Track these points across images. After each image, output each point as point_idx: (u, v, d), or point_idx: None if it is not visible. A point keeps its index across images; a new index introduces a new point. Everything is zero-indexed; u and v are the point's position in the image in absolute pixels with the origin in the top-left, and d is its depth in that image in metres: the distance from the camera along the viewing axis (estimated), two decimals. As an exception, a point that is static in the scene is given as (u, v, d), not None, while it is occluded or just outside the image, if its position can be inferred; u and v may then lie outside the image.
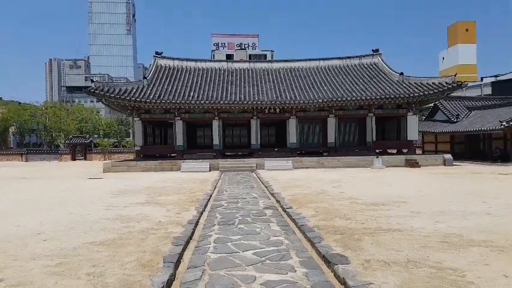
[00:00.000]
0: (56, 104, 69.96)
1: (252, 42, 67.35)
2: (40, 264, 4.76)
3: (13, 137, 65.51)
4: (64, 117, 59.22)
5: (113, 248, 5.55)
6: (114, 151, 46.35)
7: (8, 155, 44.71)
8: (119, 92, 23.89)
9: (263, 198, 10.88)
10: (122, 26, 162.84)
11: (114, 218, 7.96)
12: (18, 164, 37.55)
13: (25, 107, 62.89)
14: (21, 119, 59.75)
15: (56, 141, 60.99)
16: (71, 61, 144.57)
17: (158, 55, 29.62)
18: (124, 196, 11.51)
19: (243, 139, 31.26)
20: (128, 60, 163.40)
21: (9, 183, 16.92)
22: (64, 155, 44.91)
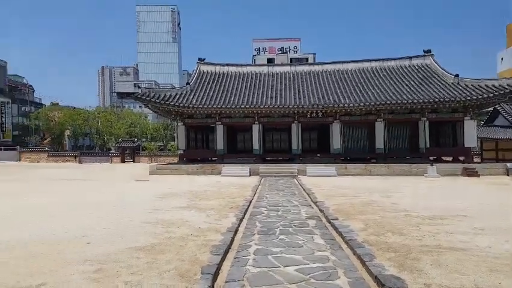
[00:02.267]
0: (107, 109, 73.89)
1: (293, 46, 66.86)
2: (80, 270, 4.73)
3: (68, 140, 70.02)
4: (115, 122, 62.27)
5: (152, 254, 5.44)
6: (160, 154, 47.88)
7: (64, 157, 47.71)
8: (163, 97, 24.54)
9: (305, 206, 10.43)
10: (167, 34, 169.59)
11: (156, 222, 7.94)
12: (72, 165, 39.89)
13: (79, 111, 67.03)
14: (75, 123, 63.72)
15: (107, 144, 64.27)
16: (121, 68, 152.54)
17: (201, 61, 30.16)
18: (167, 199, 11.60)
19: (283, 144, 30.84)
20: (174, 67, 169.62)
21: (63, 184, 17.83)
22: (114, 157, 47.11)
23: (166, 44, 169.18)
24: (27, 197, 12.63)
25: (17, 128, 67.71)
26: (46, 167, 35.14)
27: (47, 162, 44.98)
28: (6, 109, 64.08)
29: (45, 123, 66.24)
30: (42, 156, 47.24)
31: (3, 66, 70.25)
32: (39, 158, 46.93)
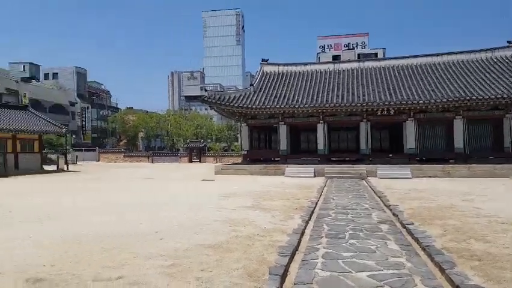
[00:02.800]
0: (176, 112, 78.32)
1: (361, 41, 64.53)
2: (155, 264, 5.03)
3: (141, 141, 75.54)
4: (183, 124, 65.75)
5: (221, 252, 5.60)
6: (224, 154, 49.42)
7: (138, 157, 51.53)
8: (228, 99, 25.26)
9: (376, 210, 9.97)
10: (232, 38, 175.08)
11: (223, 220, 8.18)
12: (145, 165, 42.89)
13: (151, 115, 71.95)
14: (148, 125, 68.54)
15: (176, 145, 68.10)
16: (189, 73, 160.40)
17: (264, 62, 30.48)
18: (232, 199, 11.91)
19: (350, 144, 29.89)
20: (238, 70, 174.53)
21: (138, 183, 19.25)
22: (182, 158, 49.70)
23: (230, 47, 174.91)
24: (109, 193, 13.86)
25: (96, 131, 74.73)
26: (122, 166, 38.25)
27: (123, 162, 48.90)
28: (87, 113, 71.03)
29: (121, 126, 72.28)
30: (118, 157, 51.50)
31: (84, 74, 77.96)
32: (116, 158, 51.22)
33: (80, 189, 16.00)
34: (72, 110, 68.78)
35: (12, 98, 53.15)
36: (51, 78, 73.26)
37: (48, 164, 34.06)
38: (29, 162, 28.83)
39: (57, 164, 32.10)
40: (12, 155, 27.16)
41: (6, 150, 26.45)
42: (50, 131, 31.50)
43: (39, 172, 28.03)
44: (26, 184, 18.60)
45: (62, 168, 31.72)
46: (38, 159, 30.47)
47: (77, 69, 74.89)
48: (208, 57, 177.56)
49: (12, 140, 27.56)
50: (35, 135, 29.61)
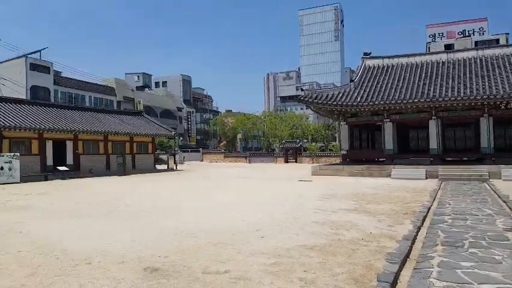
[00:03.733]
0: (272, 113, 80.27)
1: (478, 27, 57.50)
2: (258, 261, 5.21)
3: (240, 142, 79.25)
4: (278, 124, 67.00)
5: (323, 255, 5.54)
6: (321, 155, 48.82)
7: (236, 157, 54.24)
8: (326, 97, 24.84)
9: (502, 216, 8.73)
10: (330, 34, 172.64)
11: (323, 222, 8.08)
12: (243, 165, 44.89)
13: (248, 116, 74.99)
14: (245, 127, 71.61)
15: (272, 146, 69.75)
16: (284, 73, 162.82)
17: (366, 56, 29.19)
18: (331, 200, 11.68)
19: (468, 142, 26.76)
20: (335, 66, 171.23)
21: (239, 182, 20.24)
22: (278, 158, 50.67)
23: (328, 43, 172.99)
24: (215, 192, 14.88)
25: (200, 133, 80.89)
26: (223, 166, 40.66)
27: (223, 162, 51.96)
28: (192, 117, 77.35)
29: (221, 128, 76.96)
30: (219, 157, 54.92)
31: (189, 81, 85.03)
32: (217, 159, 54.70)
33: (191, 187, 17.47)
34: (179, 114, 75.65)
35: (129, 105, 60.82)
36: (161, 86, 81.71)
37: (159, 164, 38.03)
38: (143, 162, 32.64)
39: (168, 164, 35.66)
40: (130, 156, 31.05)
41: (125, 151, 30.37)
42: (162, 134, 35.17)
43: (153, 171, 31.46)
44: (144, 182, 21.02)
45: (172, 167, 35.10)
46: (152, 159, 34.25)
47: (183, 76, 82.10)
48: (304, 56, 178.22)
49: (130, 142, 31.53)
50: (149, 138, 33.40)
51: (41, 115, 25.81)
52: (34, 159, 23.94)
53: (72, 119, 27.77)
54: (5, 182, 19.76)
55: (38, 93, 46.81)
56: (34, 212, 10.11)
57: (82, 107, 35.03)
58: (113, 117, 33.06)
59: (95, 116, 30.99)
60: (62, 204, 11.62)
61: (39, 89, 47.87)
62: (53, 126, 24.54)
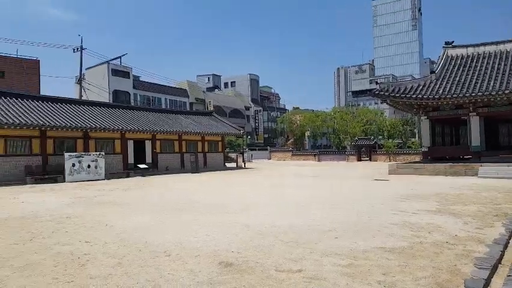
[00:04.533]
0: (343, 109, 78.20)
1: None
2: (332, 262, 5.13)
3: (308, 140, 78.54)
4: (350, 121, 64.98)
5: (403, 258, 5.28)
6: (398, 152, 46.38)
7: (304, 155, 53.85)
8: (404, 90, 23.51)
9: None
10: (407, 23, 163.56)
11: (402, 224, 7.69)
12: (312, 163, 44.40)
13: (317, 113, 73.95)
14: (314, 124, 70.71)
15: (343, 143, 67.98)
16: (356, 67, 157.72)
17: (448, 45, 26.99)
18: (410, 201, 11.06)
19: None
20: (413, 57, 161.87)
21: (308, 180, 20.10)
22: (350, 156, 49.21)
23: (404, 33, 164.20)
24: (284, 190, 14.99)
25: (267, 131, 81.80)
26: (291, 164, 40.63)
27: (291, 160, 51.93)
28: (259, 116, 78.51)
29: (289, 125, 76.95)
30: (287, 155, 55.00)
31: (257, 80, 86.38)
32: (284, 157, 54.86)
33: (260, 185, 17.79)
34: (247, 113, 77.34)
35: (200, 106, 63.68)
36: (230, 87, 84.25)
37: (228, 162, 39.27)
38: (214, 160, 34.01)
39: (237, 162, 36.70)
40: (201, 154, 32.55)
41: (197, 150, 31.91)
42: (231, 133, 36.32)
43: (222, 169, 32.62)
44: (215, 179, 21.89)
45: (241, 165, 36.05)
46: (221, 157, 35.53)
47: (251, 76, 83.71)
48: (378, 48, 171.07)
49: (201, 141, 33.07)
50: (218, 137, 34.71)
51: (122, 117, 28.20)
52: (117, 158, 26.26)
53: (150, 120, 29.95)
54: (92, 179, 21.96)
55: (119, 97, 51.24)
56: (118, 206, 11.08)
57: (159, 109, 37.57)
58: (186, 117, 34.96)
59: (170, 117, 33.06)
60: (142, 200, 12.57)
61: (121, 93, 52.31)
62: (133, 127, 26.71)
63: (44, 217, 9.26)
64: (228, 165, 36.08)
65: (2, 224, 8.43)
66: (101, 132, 24.92)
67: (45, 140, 22.67)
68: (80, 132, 24.13)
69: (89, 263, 5.31)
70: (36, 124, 21.40)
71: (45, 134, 22.58)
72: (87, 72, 50.02)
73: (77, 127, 23.34)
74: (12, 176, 20.84)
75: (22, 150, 21.88)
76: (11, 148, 21.46)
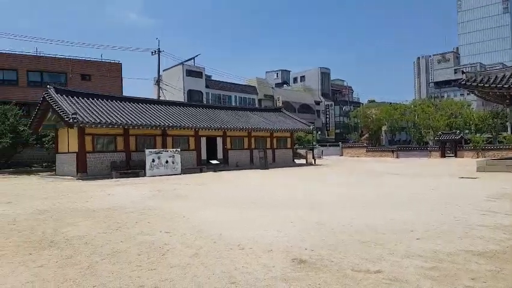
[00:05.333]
0: (424, 101, 73.22)
1: None
2: (414, 264, 4.85)
3: (384, 135, 75.04)
4: (433, 114, 60.65)
5: (496, 262, 4.82)
6: (488, 148, 42.34)
7: (380, 152, 51.58)
8: (494, 80, 21.33)
9: None
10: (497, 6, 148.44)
11: (494, 226, 7.02)
12: (389, 160, 42.34)
13: (395, 106, 70.22)
14: (391, 118, 67.31)
15: (424, 138, 63.82)
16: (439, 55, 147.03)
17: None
18: (504, 201, 10.04)
19: None
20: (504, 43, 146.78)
21: (382, 178, 19.26)
22: (433, 152, 46.06)
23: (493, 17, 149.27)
24: (357, 188, 14.56)
25: (339, 126, 79.79)
26: (366, 161, 39.19)
27: (365, 157, 50.06)
28: (330, 111, 76.90)
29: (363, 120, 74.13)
30: (361, 151, 53.15)
31: (327, 73, 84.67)
32: (358, 153, 53.07)
33: (331, 182, 17.48)
34: (317, 108, 76.29)
35: (269, 102, 64.31)
36: (299, 81, 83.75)
37: (297, 158, 39.13)
38: (283, 157, 34.17)
39: (306, 158, 36.42)
40: (270, 150, 32.89)
41: (266, 146, 32.33)
42: (300, 128, 36.19)
43: (291, 165, 32.62)
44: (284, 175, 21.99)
45: (310, 162, 35.71)
46: (290, 154, 35.56)
47: (322, 69, 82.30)
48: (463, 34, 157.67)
49: (270, 137, 33.43)
50: (287, 133, 34.78)
51: (196, 115, 29.64)
52: (191, 154, 27.68)
53: (221, 117, 31.08)
54: (169, 173, 23.42)
55: (193, 96, 53.91)
56: (194, 200, 11.67)
57: (229, 107, 38.82)
58: (255, 114, 35.60)
59: (240, 114, 33.97)
60: (216, 194, 13.10)
61: (194, 92, 54.98)
62: (206, 125, 28.01)
63: (128, 209, 10.09)
64: (297, 162, 35.97)
65: (92, 214, 9.36)
66: (177, 130, 26.45)
67: (128, 138, 24.67)
68: (158, 130, 25.85)
69: (169, 252, 5.67)
70: (120, 123, 23.39)
71: (128, 132, 24.57)
72: (164, 73, 53.31)
73: (156, 125, 25.06)
74: (99, 171, 23.04)
75: (108, 147, 24.08)
76: (99, 145, 23.72)
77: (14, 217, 9.03)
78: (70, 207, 10.53)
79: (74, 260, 5.34)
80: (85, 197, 13.06)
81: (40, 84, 35.92)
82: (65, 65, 39.38)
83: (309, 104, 74.02)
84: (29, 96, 34.95)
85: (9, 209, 10.26)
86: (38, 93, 30.73)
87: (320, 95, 78.81)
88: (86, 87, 35.29)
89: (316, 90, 79.13)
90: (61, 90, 24.67)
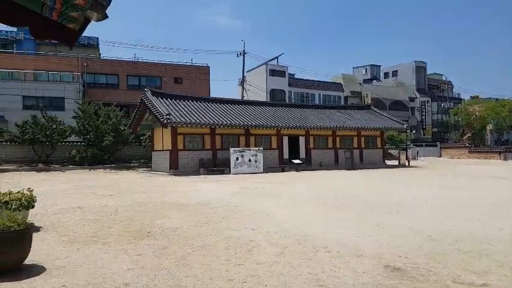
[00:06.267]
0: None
1: None
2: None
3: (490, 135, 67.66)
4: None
5: None
6: None
7: (485, 153, 46.52)
8: None
9: None
10: None
11: None
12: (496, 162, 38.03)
13: (503, 103, 62.88)
14: (498, 116, 60.43)
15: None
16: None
17: None
18: None
19: None
20: None
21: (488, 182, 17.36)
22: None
23: None
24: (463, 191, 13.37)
25: (436, 125, 73.84)
26: (468, 163, 35.73)
27: (467, 159, 45.66)
28: (426, 107, 71.57)
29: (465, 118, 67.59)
30: (462, 152, 48.58)
31: (423, 67, 78.90)
32: (459, 154, 48.60)
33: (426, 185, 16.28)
34: (411, 105, 71.65)
35: (356, 100, 62.17)
36: (391, 77, 79.44)
37: (389, 159, 37.17)
38: (372, 157, 32.74)
39: (399, 159, 34.40)
40: (357, 150, 31.76)
41: (352, 146, 31.30)
42: (391, 127, 34.35)
43: (381, 166, 31.07)
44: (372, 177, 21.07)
45: (403, 163, 33.67)
46: (380, 154, 33.92)
47: (417, 63, 77.04)
48: None
49: (357, 136, 32.29)
50: (377, 132, 33.25)
51: (278, 114, 29.95)
52: (273, 153, 28.01)
53: (304, 116, 30.93)
54: (252, 172, 24.02)
55: (275, 95, 54.55)
56: (277, 198, 11.79)
57: (312, 105, 38.48)
58: (340, 112, 34.73)
59: (324, 113, 33.44)
60: (298, 193, 13.06)
61: (277, 91, 55.60)
62: (288, 124, 28.12)
63: (215, 204, 10.58)
64: (388, 163, 34.19)
65: (183, 208, 9.99)
66: (259, 129, 27.01)
67: (215, 137, 25.90)
68: (242, 130, 26.69)
69: (255, 249, 5.80)
70: (207, 123, 24.69)
71: (215, 132, 25.80)
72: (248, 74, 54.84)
73: (240, 125, 25.93)
74: (189, 168, 24.56)
75: (196, 145, 25.58)
76: (189, 144, 25.32)
77: (115, 208, 10.05)
78: (163, 201, 11.39)
79: (169, 251, 5.75)
80: (176, 192, 14.01)
81: (138, 88, 39.55)
82: (159, 70, 42.83)
83: (402, 101, 69.88)
84: (128, 98, 38.70)
85: (112, 201, 11.45)
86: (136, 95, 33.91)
87: (415, 91, 73.84)
88: (178, 89, 37.90)
89: (411, 85, 74.29)
90: (157, 93, 26.88)
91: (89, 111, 29.74)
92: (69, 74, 37.34)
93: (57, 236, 6.77)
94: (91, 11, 2.54)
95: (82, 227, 7.58)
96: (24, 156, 28.30)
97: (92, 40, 45.67)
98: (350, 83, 65.41)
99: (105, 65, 41.16)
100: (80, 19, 2.60)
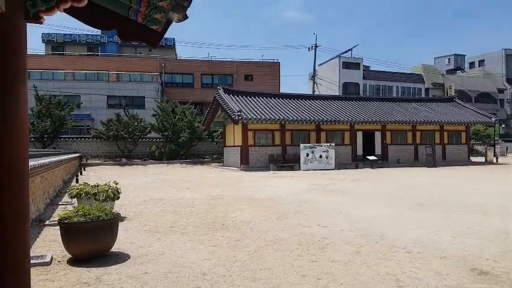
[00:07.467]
0: None
1: None
2: None
3: None
4: None
5: None
6: None
7: None
8: None
9: None
10: None
11: None
12: None
13: None
14: None
15: None
16: None
17: None
18: None
19: None
20: None
21: None
22: None
23: None
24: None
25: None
26: None
27: None
28: (520, 99, 64.55)
29: None
30: None
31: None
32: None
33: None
34: (500, 97, 65.32)
35: (438, 91, 58.09)
36: (477, 66, 73.05)
37: (474, 156, 34.26)
38: (455, 154, 30.43)
39: (485, 156, 31.54)
40: (439, 146, 29.70)
41: (434, 141, 29.32)
42: (477, 121, 31.60)
43: (466, 163, 28.75)
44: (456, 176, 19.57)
45: (491, 160, 30.82)
46: (465, 150, 31.38)
47: (507, 51, 69.88)
48: None
49: (439, 131, 30.19)
50: (461, 126, 30.78)
51: (351, 108, 29.08)
52: (346, 149, 27.32)
53: (380, 110, 29.68)
54: (322, 168, 23.67)
55: (348, 89, 53.02)
56: (349, 196, 11.49)
57: (389, 98, 36.67)
58: (420, 105, 32.76)
59: (402, 106, 31.78)
60: (374, 191, 12.57)
61: (350, 85, 54.00)
62: (362, 119, 27.17)
63: (286, 200, 10.62)
64: (473, 160, 31.52)
65: (254, 203, 10.19)
66: (331, 125, 26.50)
67: (284, 133, 25.99)
68: (313, 125, 26.41)
69: (329, 247, 5.72)
70: (277, 119, 24.84)
71: (284, 127, 25.87)
72: (319, 68, 54.05)
73: (310, 120, 25.68)
74: (259, 163, 24.96)
75: (266, 141, 25.88)
76: (259, 140, 25.71)
77: (192, 201, 10.57)
78: (235, 195, 11.73)
79: (242, 243, 5.91)
80: (247, 186, 14.33)
81: (211, 86, 41.12)
82: (231, 67, 44.03)
83: (490, 92, 63.90)
84: (202, 96, 40.40)
85: (188, 194, 12.06)
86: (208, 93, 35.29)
87: (504, 81, 67.07)
88: (248, 86, 38.68)
89: (500, 75, 67.61)
90: (228, 90, 27.70)
91: (167, 110, 31.64)
92: (149, 74, 40.01)
93: (139, 226, 7.31)
94: (173, 12, 2.69)
95: (161, 218, 8.10)
96: (109, 151, 31.02)
97: (169, 41, 48.42)
98: (431, 74, 61.29)
99: (181, 65, 43.38)
100: (163, 20, 2.76)
